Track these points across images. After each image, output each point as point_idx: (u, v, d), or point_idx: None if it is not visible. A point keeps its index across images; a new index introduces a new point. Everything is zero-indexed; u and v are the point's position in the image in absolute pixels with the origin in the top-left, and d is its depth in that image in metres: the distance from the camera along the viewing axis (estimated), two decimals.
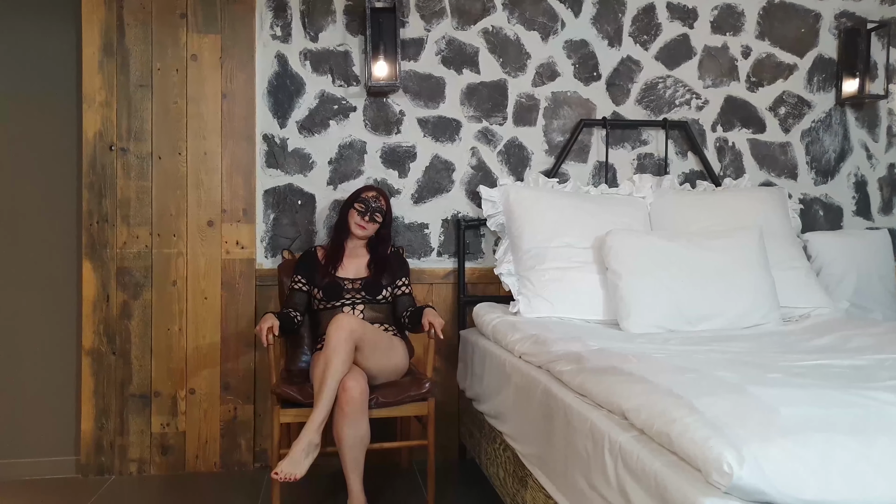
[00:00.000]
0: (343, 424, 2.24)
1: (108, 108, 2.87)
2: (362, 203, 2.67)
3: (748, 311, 2.53)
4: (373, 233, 2.70)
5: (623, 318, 2.51)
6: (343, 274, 2.67)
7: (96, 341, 2.87)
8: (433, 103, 3.10)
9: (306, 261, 2.72)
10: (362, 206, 2.67)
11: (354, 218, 2.67)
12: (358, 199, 2.69)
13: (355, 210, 2.67)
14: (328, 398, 2.22)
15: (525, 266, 2.76)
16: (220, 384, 2.94)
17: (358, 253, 2.73)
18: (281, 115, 3.01)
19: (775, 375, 1.63)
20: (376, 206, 2.69)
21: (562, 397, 1.80)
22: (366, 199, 2.68)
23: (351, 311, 2.59)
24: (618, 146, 3.22)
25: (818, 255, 3.07)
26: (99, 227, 2.87)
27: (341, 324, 2.30)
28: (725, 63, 3.29)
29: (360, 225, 2.66)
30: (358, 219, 2.66)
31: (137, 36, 2.89)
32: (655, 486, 1.27)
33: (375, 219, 2.68)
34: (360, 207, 2.67)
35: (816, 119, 3.37)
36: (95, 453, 2.88)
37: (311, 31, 3.03)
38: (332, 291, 2.61)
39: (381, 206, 2.70)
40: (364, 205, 2.67)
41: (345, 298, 2.61)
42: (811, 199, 3.37)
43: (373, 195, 2.70)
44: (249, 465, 2.97)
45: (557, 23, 3.17)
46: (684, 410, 1.32)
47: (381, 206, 2.70)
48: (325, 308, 2.63)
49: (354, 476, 2.28)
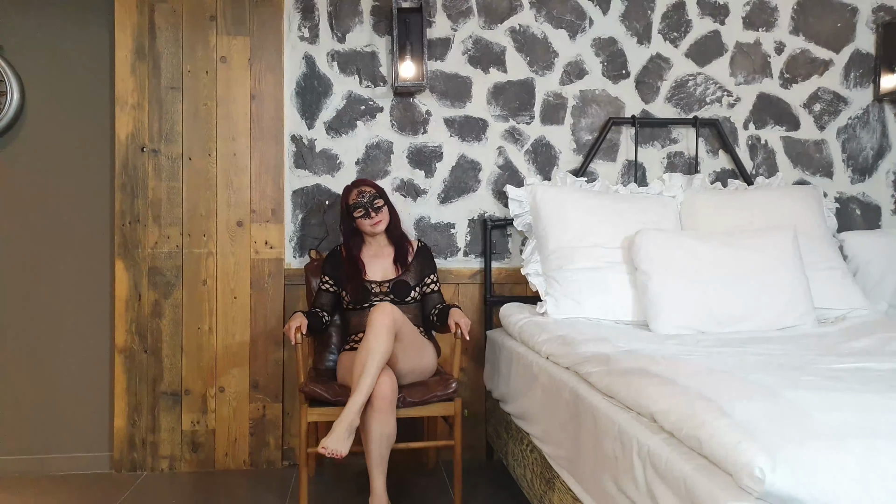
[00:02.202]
0: (372, 420, 2.24)
1: (140, 111, 2.92)
2: (358, 208, 2.63)
3: (782, 313, 2.48)
4: (387, 219, 2.67)
5: (652, 319, 2.47)
6: (371, 276, 2.66)
7: (128, 340, 2.92)
8: (460, 103, 3.09)
9: (332, 261, 2.71)
10: (361, 210, 2.62)
11: (363, 224, 2.64)
12: (351, 208, 2.64)
13: (357, 218, 2.64)
14: (370, 382, 2.21)
15: (552, 266, 2.74)
16: (249, 383, 2.97)
17: (382, 251, 2.71)
18: (309, 115, 3.03)
19: (811, 379, 1.59)
20: (370, 198, 2.63)
21: (590, 399, 1.78)
22: (356, 202, 2.63)
23: None
24: (647, 145, 3.18)
25: (855, 255, 2.99)
26: (131, 228, 2.92)
27: (385, 309, 2.30)
28: (758, 59, 3.23)
29: (373, 223, 2.63)
30: (366, 221, 2.63)
31: (168, 39, 2.93)
32: (685, 489, 1.24)
33: (377, 206, 2.64)
34: (360, 213, 2.62)
35: (853, 116, 3.29)
36: (128, 450, 2.93)
37: (339, 32, 3.04)
38: (360, 295, 2.61)
39: (372, 195, 2.65)
40: (360, 208, 2.62)
41: (373, 301, 2.61)
42: (847, 197, 3.29)
43: (357, 193, 2.64)
44: (278, 462, 2.99)
45: (585, 20, 3.14)
46: (715, 414, 1.29)
47: (373, 193, 2.65)
48: (355, 308, 2.64)
49: (378, 473, 2.27)
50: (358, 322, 2.61)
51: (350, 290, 2.63)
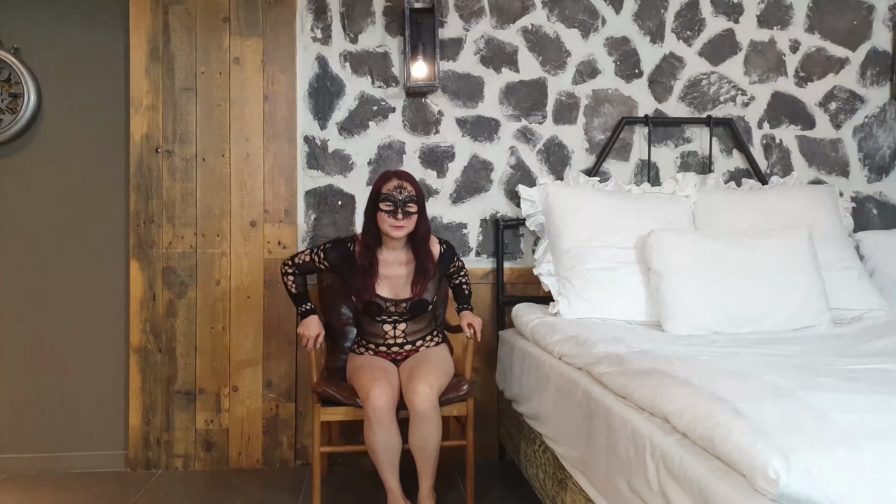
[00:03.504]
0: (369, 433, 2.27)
1: (155, 112, 2.95)
2: (388, 201, 2.34)
3: (797, 313, 2.46)
4: (412, 227, 2.40)
5: (666, 319, 2.46)
6: (385, 292, 2.42)
7: (143, 339, 2.95)
8: (472, 103, 3.09)
9: (341, 251, 2.44)
10: (390, 205, 2.33)
11: (385, 221, 2.35)
12: (381, 197, 2.35)
13: (383, 212, 2.35)
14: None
15: (565, 266, 2.73)
16: (263, 382, 2.98)
17: (398, 258, 2.46)
18: (321, 116, 3.05)
19: (826, 380, 1.57)
20: (405, 198, 2.34)
21: (602, 400, 1.78)
22: (390, 194, 2.34)
23: (391, 329, 2.47)
24: (660, 144, 3.16)
25: (872, 255, 2.96)
26: (146, 228, 2.95)
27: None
28: (773, 58, 3.20)
29: (395, 226, 2.35)
30: (390, 220, 2.34)
31: (182, 41, 2.95)
32: (698, 491, 1.24)
33: (409, 211, 2.35)
34: (388, 206, 2.33)
35: (870, 114, 3.25)
36: (143, 448, 2.96)
37: (351, 33, 3.05)
38: (371, 310, 2.44)
39: (410, 195, 2.36)
40: (391, 202, 2.34)
41: (385, 317, 2.46)
42: (864, 197, 3.26)
43: (395, 186, 2.35)
44: (291, 462, 3.01)
45: (598, 20, 3.13)
46: (729, 415, 1.28)
47: (411, 194, 2.36)
48: (364, 314, 2.50)
49: (391, 475, 2.29)
50: (370, 331, 2.50)
51: (358, 295, 2.42)
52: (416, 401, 2.24)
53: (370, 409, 2.23)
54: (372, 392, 2.23)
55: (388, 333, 2.48)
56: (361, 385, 2.31)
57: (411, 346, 2.51)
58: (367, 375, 2.34)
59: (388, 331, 2.47)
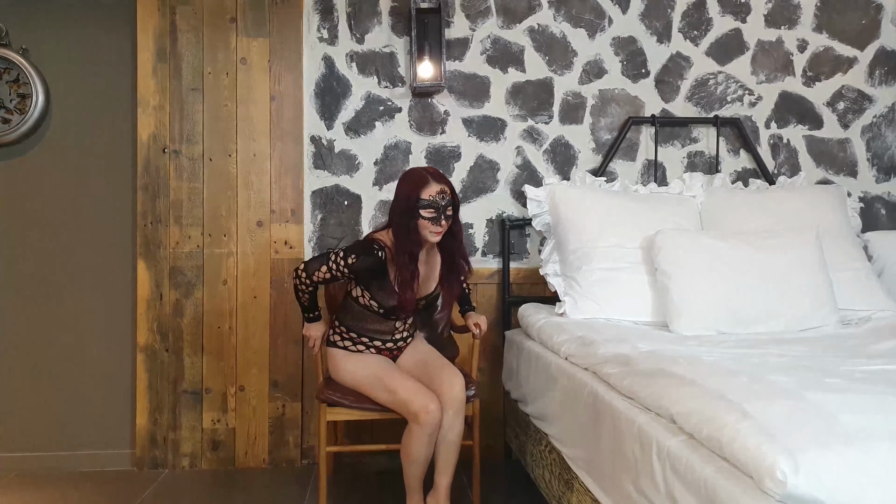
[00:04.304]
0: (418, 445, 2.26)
1: (162, 112, 2.96)
2: (431, 208, 2.22)
3: (805, 314, 2.44)
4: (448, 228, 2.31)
5: (673, 319, 2.45)
6: (418, 293, 2.34)
7: (150, 338, 2.96)
8: (478, 103, 3.09)
9: (370, 265, 2.27)
10: (433, 212, 2.22)
11: (427, 228, 2.24)
12: (424, 204, 2.22)
13: (426, 220, 2.23)
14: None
15: (571, 266, 2.72)
16: (269, 382, 2.99)
17: (430, 259, 2.41)
18: (328, 116, 3.05)
19: (834, 381, 1.56)
20: (447, 203, 2.25)
21: (609, 400, 1.77)
22: (433, 201, 2.22)
23: (402, 324, 2.43)
24: (667, 144, 3.15)
25: (880, 255, 2.94)
26: (153, 228, 2.96)
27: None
28: (780, 57, 3.19)
29: (437, 232, 2.25)
30: (432, 227, 2.24)
31: (189, 41, 2.96)
32: (705, 491, 1.23)
33: (448, 215, 2.26)
34: (431, 213, 2.22)
35: (878, 114, 3.23)
36: (150, 447, 2.97)
37: (357, 33, 3.05)
38: (394, 312, 2.35)
39: (451, 201, 2.27)
40: (434, 209, 2.22)
41: (400, 316, 2.41)
42: (872, 197, 3.24)
43: (438, 192, 2.23)
44: (297, 461, 3.01)
45: (605, 19, 3.12)
46: (736, 415, 1.28)
47: (451, 199, 2.27)
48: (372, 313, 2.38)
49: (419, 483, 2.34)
50: (374, 328, 2.40)
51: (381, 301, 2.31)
52: (452, 395, 2.27)
53: (427, 423, 2.19)
54: (430, 405, 2.19)
55: (399, 328, 2.44)
56: (407, 396, 2.23)
57: (411, 339, 2.53)
58: (402, 384, 2.27)
59: (399, 327, 2.43)
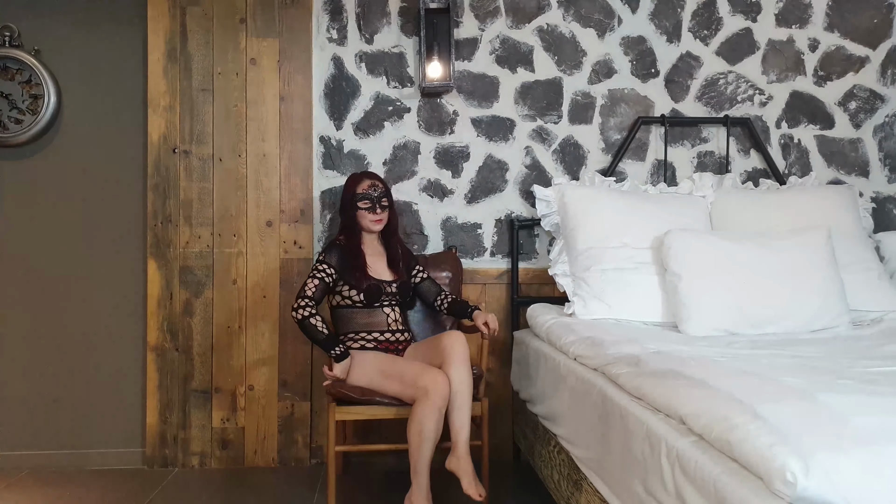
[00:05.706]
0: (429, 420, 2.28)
1: (172, 112, 2.97)
2: (366, 199, 2.55)
3: (816, 315, 2.43)
4: (386, 222, 2.61)
5: (683, 320, 2.44)
6: (377, 275, 2.56)
7: (160, 338, 2.97)
8: (487, 103, 3.09)
9: (336, 251, 2.54)
10: (368, 202, 2.55)
11: (365, 217, 2.56)
12: (358, 197, 2.56)
13: (362, 209, 2.56)
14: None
15: (581, 267, 2.72)
16: (278, 381, 3.00)
17: (376, 249, 2.64)
18: (337, 116, 3.06)
19: (846, 382, 1.55)
20: (380, 194, 2.57)
21: (618, 401, 1.77)
22: (366, 194, 2.56)
23: (391, 311, 2.56)
24: (677, 144, 3.14)
25: (892, 255, 2.92)
26: (163, 228, 2.97)
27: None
28: (791, 57, 3.17)
29: (375, 220, 2.57)
30: (370, 215, 2.56)
31: (199, 42, 2.98)
32: (714, 493, 1.23)
33: (383, 204, 2.58)
34: (366, 205, 2.55)
35: (891, 114, 3.21)
36: (160, 446, 2.98)
37: (367, 34, 3.06)
38: (373, 295, 2.52)
39: (383, 190, 2.59)
40: (368, 200, 2.55)
41: (383, 301, 2.55)
42: (885, 197, 3.21)
43: (369, 185, 2.57)
44: (306, 460, 3.02)
45: (614, 19, 3.11)
46: (746, 416, 1.27)
47: (384, 190, 2.60)
48: (364, 307, 2.53)
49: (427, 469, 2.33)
50: (370, 322, 2.53)
51: (357, 285, 2.50)
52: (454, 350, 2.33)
53: (436, 393, 2.24)
54: (438, 377, 2.27)
55: (390, 317, 2.55)
56: (414, 374, 2.32)
57: (408, 335, 2.60)
58: (409, 367, 2.37)
59: (389, 313, 2.55)
